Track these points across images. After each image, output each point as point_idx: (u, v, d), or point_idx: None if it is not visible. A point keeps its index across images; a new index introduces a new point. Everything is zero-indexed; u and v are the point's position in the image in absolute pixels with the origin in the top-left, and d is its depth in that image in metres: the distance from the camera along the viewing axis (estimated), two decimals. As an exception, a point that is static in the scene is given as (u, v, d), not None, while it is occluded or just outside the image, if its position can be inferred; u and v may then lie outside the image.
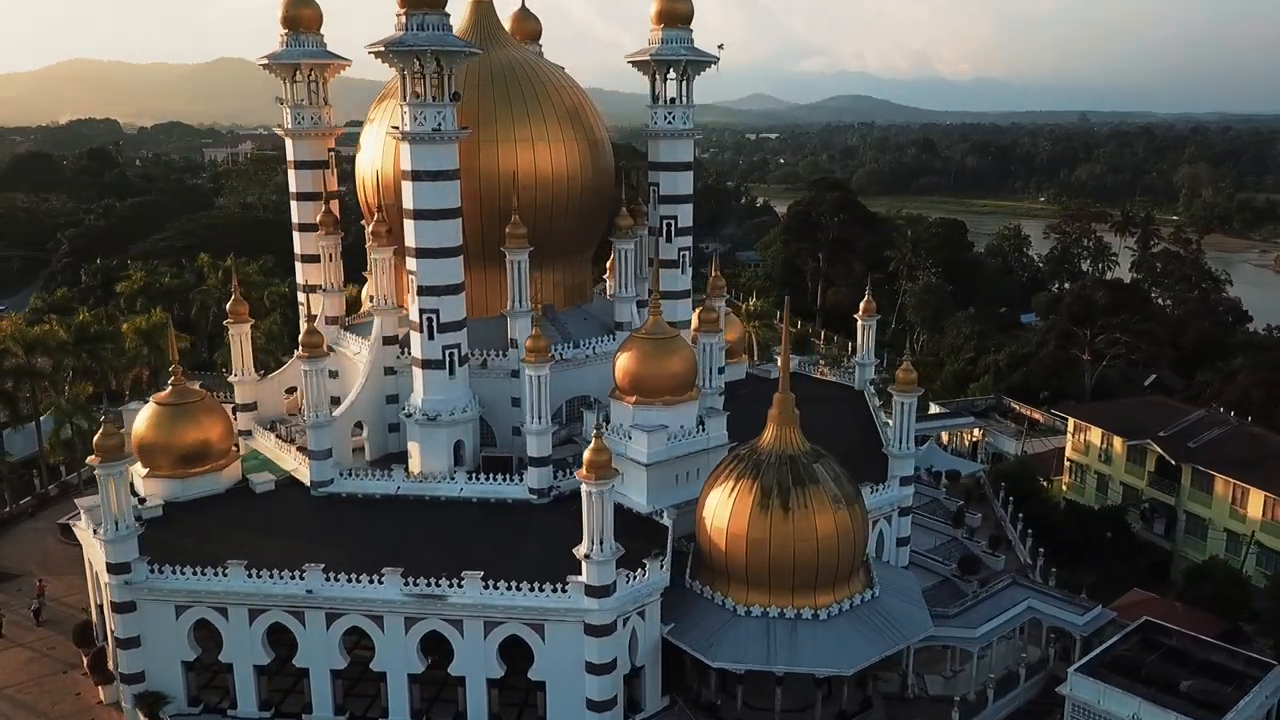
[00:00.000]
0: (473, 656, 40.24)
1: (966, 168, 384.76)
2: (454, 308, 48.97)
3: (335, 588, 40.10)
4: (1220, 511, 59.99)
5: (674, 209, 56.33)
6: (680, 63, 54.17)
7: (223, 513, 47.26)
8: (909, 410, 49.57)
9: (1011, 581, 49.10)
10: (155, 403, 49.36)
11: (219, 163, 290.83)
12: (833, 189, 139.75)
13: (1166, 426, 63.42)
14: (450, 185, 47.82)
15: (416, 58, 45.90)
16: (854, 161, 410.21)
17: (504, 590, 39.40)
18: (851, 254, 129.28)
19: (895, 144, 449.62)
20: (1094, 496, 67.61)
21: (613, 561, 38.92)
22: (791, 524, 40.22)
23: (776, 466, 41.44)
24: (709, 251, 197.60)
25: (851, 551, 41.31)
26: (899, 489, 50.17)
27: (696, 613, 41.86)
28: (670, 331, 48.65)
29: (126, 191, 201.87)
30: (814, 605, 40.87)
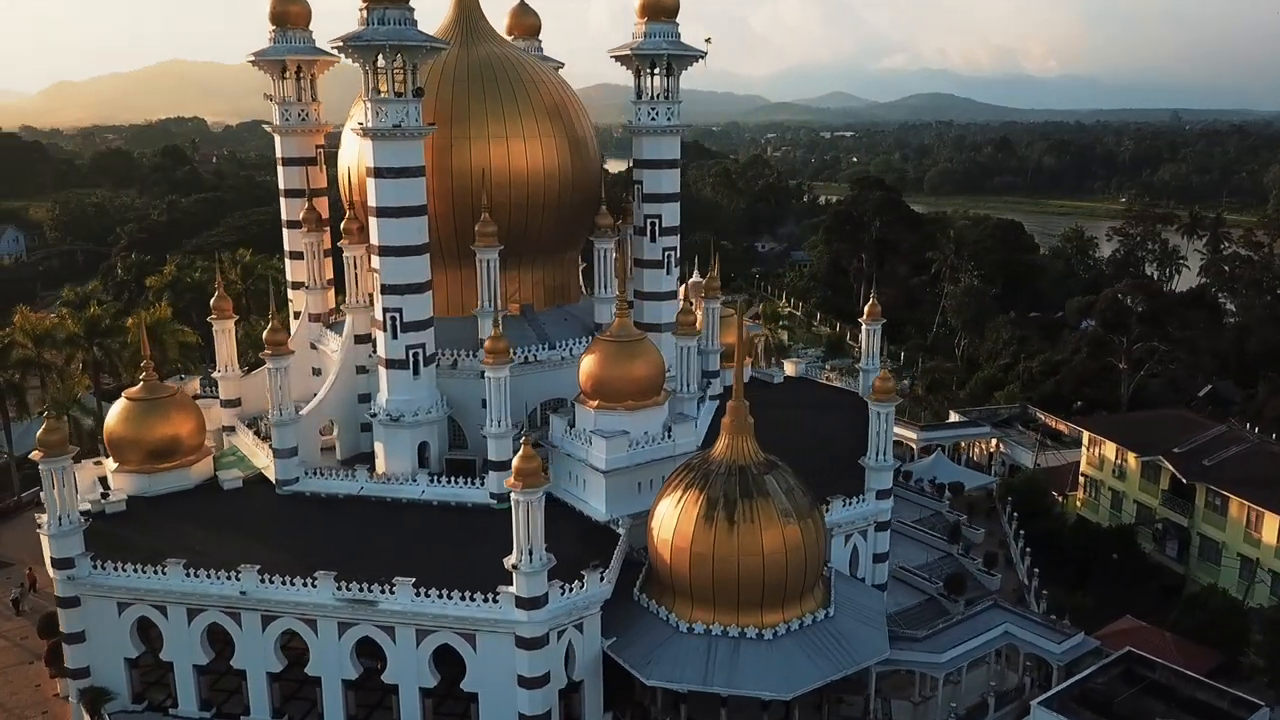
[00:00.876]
0: (405, 665, 39.35)
1: (1043, 167, 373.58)
2: (418, 307, 48.22)
3: (269, 590, 39.57)
4: (1234, 535, 55.96)
5: (658, 208, 54.78)
6: (663, 57, 52.61)
7: (185, 509, 47.21)
8: (886, 420, 47.22)
9: (993, 604, 46.43)
10: (126, 398, 49.67)
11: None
12: (876, 188, 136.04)
13: (1183, 442, 59.45)
14: (414, 182, 47.06)
15: (378, 52, 45.17)
16: (928, 160, 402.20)
17: (435, 598, 38.35)
18: (895, 255, 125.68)
19: (972, 143, 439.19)
20: (1108, 514, 63.85)
21: (543, 573, 37.61)
22: (736, 538, 38.43)
23: (725, 477, 39.67)
24: (764, 250, 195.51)
25: (802, 569, 39.31)
26: (875, 503, 47.83)
27: (640, 628, 40.35)
28: (637, 334, 47.16)
29: (197, 188, 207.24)
30: (760, 624, 39.02)
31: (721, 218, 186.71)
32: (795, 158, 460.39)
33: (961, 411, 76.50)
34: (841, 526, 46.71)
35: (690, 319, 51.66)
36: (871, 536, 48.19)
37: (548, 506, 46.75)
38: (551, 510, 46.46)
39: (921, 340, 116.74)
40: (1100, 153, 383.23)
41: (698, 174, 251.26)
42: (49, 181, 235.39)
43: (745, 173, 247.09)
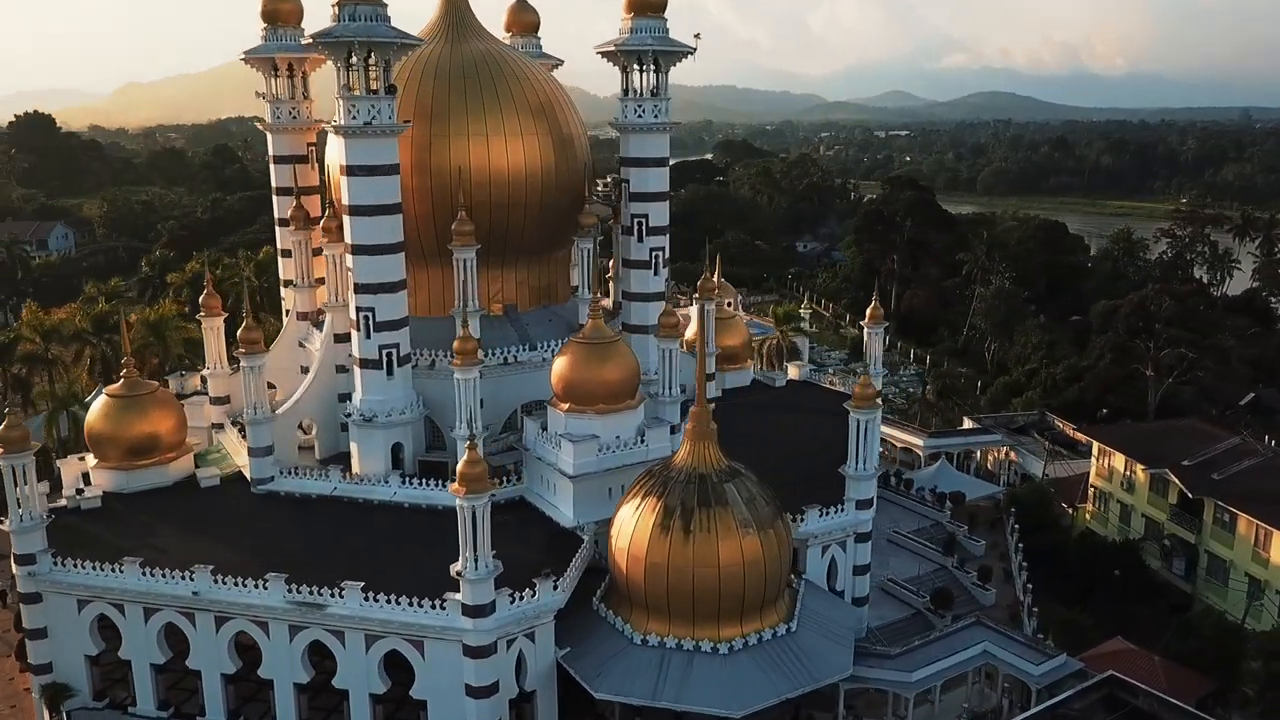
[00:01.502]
0: (355, 670, 38.77)
1: (1101, 167, 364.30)
2: (392, 306, 47.72)
3: (221, 591, 39.27)
4: (1242, 554, 53.02)
5: (645, 207, 53.67)
6: (650, 53, 51.43)
7: (159, 507, 47.19)
8: (868, 428, 45.53)
9: (974, 621, 44.58)
10: (107, 394, 49.85)
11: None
12: (907, 188, 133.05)
13: (1194, 454, 56.57)
14: (388, 180, 46.51)
15: (348, 49, 44.67)
16: (982, 160, 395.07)
17: (383, 603, 37.69)
18: (927, 256, 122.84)
19: (1029, 142, 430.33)
20: (1116, 528, 61.13)
21: (490, 580, 36.75)
22: (692, 548, 37.23)
23: (684, 485, 38.50)
24: (805, 250, 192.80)
25: (761, 581, 37.94)
26: (855, 513, 46.17)
27: (596, 638, 39.34)
28: (610, 336, 46.12)
29: (245, 186, 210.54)
30: (717, 638, 37.78)
31: (759, 217, 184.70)
32: (847, 156, 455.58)
33: (976, 418, 74.09)
34: (818, 537, 45.17)
35: (673, 320, 50.41)
36: (851, 548, 46.54)
37: (520, 510, 46.80)
38: (522, 514, 46.33)
39: (953, 343, 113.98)
40: (1162, 152, 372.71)
41: (740, 173, 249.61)
42: (105, 180, 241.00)
43: (790, 172, 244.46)
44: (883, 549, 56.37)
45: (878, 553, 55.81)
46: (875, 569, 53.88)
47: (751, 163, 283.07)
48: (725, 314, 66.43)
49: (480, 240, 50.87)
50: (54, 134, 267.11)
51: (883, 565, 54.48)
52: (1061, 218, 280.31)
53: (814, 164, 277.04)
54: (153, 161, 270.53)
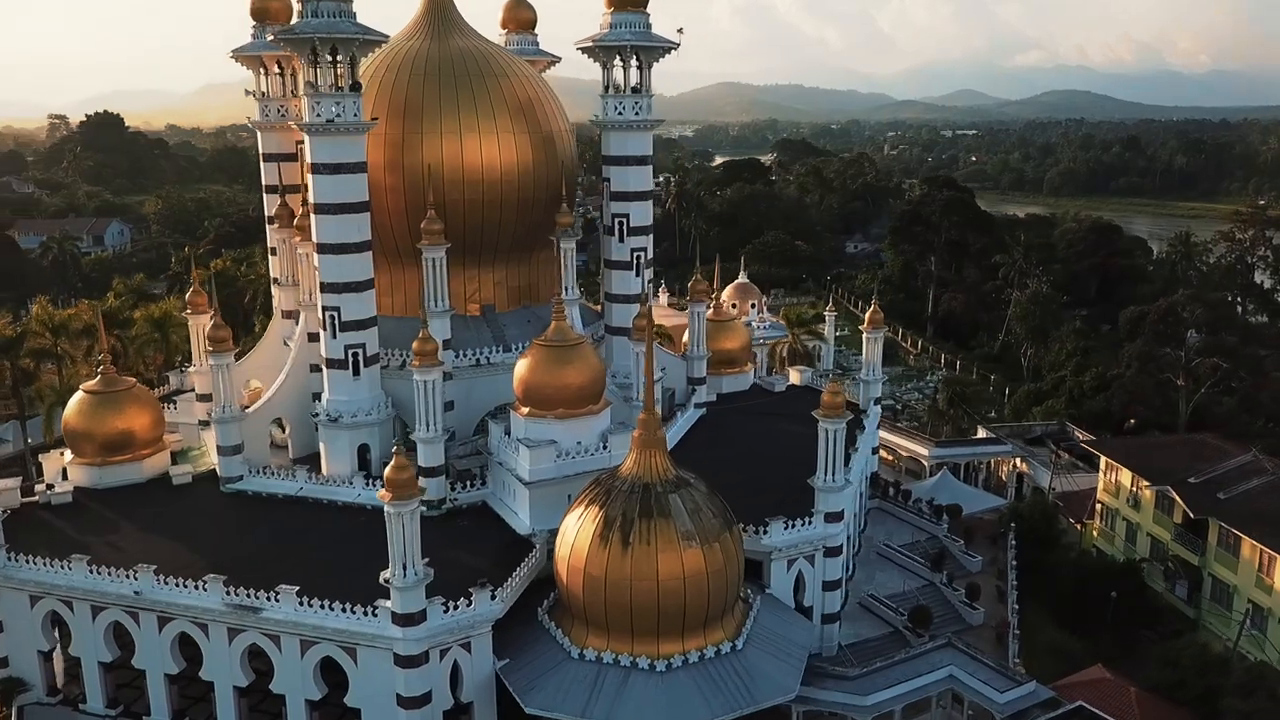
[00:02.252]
0: (291, 675, 38.15)
1: (1174, 168, 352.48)
2: (358, 306, 47.17)
3: (162, 591, 38.97)
4: (1246, 578, 49.65)
5: (626, 206, 52.50)
6: (629, 48, 50.22)
7: (127, 503, 47.17)
8: (836, 437, 43.68)
9: (945, 643, 42.47)
10: (83, 391, 50.08)
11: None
12: (945, 188, 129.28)
13: (1201, 471, 53.23)
14: (353, 179, 45.95)
15: (311, 45, 44.17)
16: (1050, 160, 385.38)
17: (317, 608, 37.04)
18: (966, 258, 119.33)
19: (1100, 142, 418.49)
20: (1122, 547, 57.94)
21: (420, 588, 35.84)
22: (630, 561, 35.87)
23: (626, 495, 37.13)
24: (855, 250, 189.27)
25: (703, 597, 36.41)
26: (823, 526, 44.32)
27: (536, 650, 38.20)
28: (573, 339, 44.92)
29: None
30: (656, 654, 36.34)
31: (805, 217, 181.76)
32: (911, 156, 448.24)
33: (991, 427, 71.28)
34: (782, 551, 43.44)
35: (645, 322, 49.05)
36: (820, 562, 44.67)
37: (482, 515, 45.94)
38: (483, 520, 45.48)
39: (989, 349, 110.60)
40: (1240, 152, 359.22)
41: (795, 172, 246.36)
42: (169, 177, 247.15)
43: (845, 171, 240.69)
44: (871, 562, 54.54)
45: (865, 566, 54.25)
46: (861, 583, 52.28)
47: (807, 161, 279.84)
48: (724, 316, 64.77)
49: (455, 240, 50.23)
50: (122, 133, 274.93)
51: (868, 579, 52.63)
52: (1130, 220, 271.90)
53: (871, 163, 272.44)
54: (216, 159, 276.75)
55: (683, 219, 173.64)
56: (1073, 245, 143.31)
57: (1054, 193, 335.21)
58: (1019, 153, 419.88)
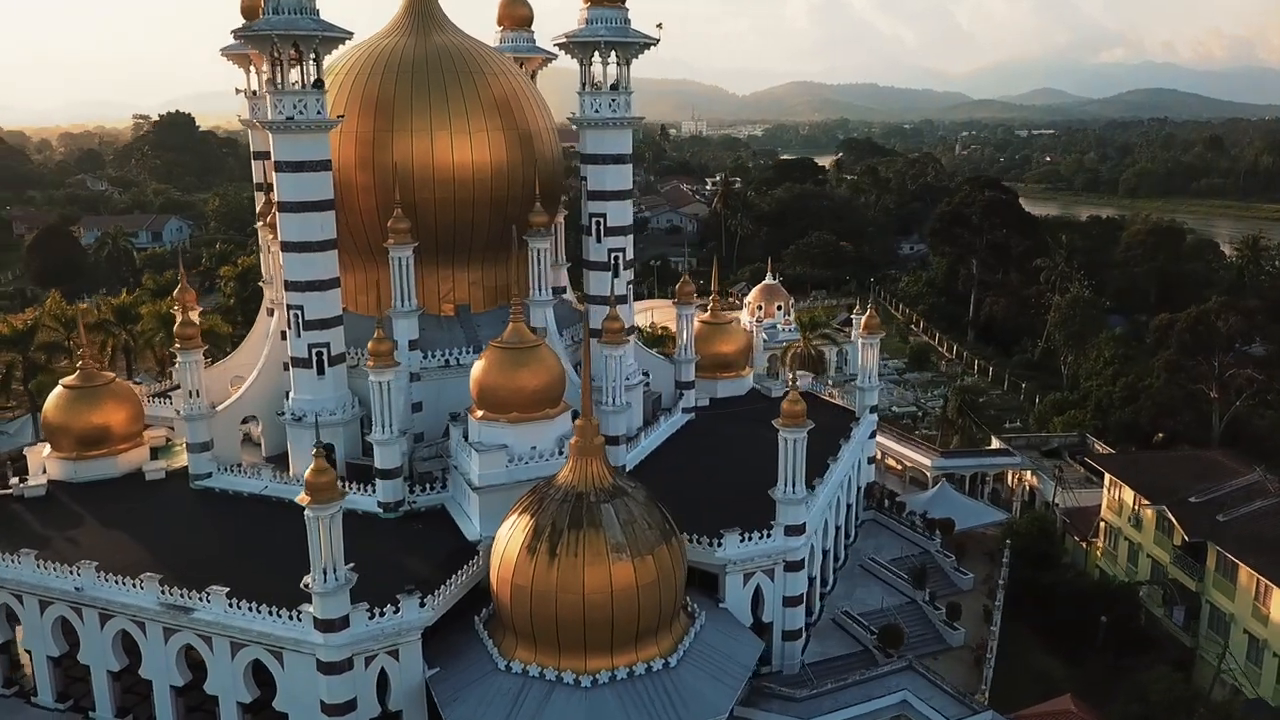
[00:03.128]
0: (222, 676, 37.85)
1: (1260, 168, 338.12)
2: (321, 304, 46.74)
3: (101, 588, 38.99)
4: (1243, 607, 46.19)
5: (603, 206, 51.10)
6: (604, 45, 48.93)
7: (97, 498, 47.47)
8: (797, 447, 41.97)
9: (906, 666, 40.47)
10: (62, 385, 50.65)
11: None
12: (986, 188, 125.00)
13: (1204, 490, 49.73)
14: (315, 176, 45.51)
15: (272, 42, 43.86)
16: (1128, 160, 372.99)
17: (245, 611, 36.63)
18: (1008, 260, 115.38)
19: (1182, 142, 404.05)
20: (1124, 568, 54.67)
21: (342, 594, 35.17)
22: (555, 572, 34.73)
23: (558, 504, 36.01)
24: (909, 252, 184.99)
25: (633, 611, 35.07)
26: (783, 540, 42.61)
27: (468, 659, 37.28)
28: (531, 341, 43.89)
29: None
30: (582, 669, 35.14)
31: (855, 217, 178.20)
32: (982, 156, 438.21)
33: (1006, 438, 68.34)
34: (737, 564, 41.86)
35: (617, 325, 47.81)
36: (780, 577, 42.97)
37: (438, 519, 45.16)
38: (438, 524, 44.70)
39: (1029, 355, 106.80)
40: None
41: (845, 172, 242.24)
42: (236, 175, 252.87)
43: (906, 171, 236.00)
44: (855, 577, 52.63)
45: (848, 580, 52.34)
46: (839, 598, 50.41)
47: (866, 161, 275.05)
48: (722, 319, 63.32)
49: (428, 239, 49.72)
50: (192, 133, 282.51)
51: (848, 594, 50.74)
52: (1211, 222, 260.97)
53: (935, 164, 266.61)
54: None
55: (729, 219, 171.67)
56: (1131, 249, 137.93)
57: (1130, 194, 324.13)
58: (1095, 153, 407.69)
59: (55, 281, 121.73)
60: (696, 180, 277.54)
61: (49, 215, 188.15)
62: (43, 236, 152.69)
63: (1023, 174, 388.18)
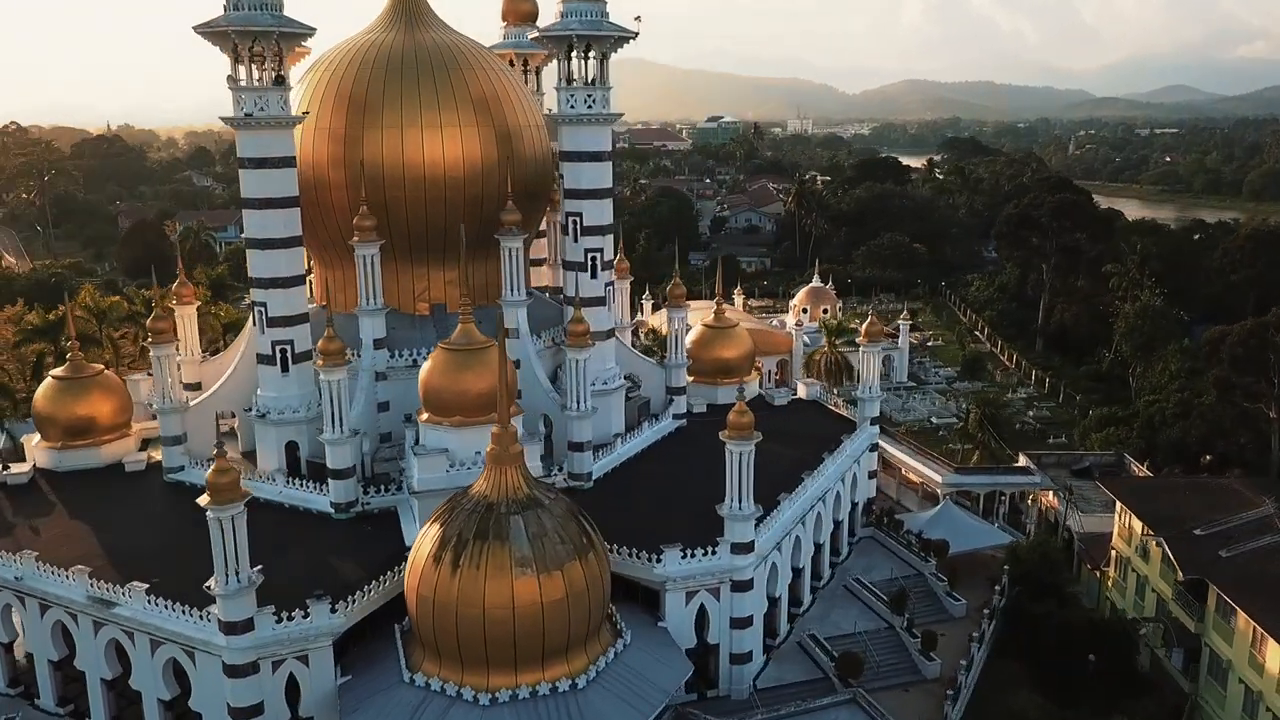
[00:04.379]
0: (144, 672, 37.89)
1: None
2: (285, 302, 46.70)
3: (38, 578, 39.48)
4: (1240, 654, 41.30)
5: (579, 204, 49.80)
6: (577, 38, 47.52)
7: (76, 487, 48.29)
8: (744, 460, 39.83)
9: (849, 699, 37.94)
10: (51, 376, 51.89)
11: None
12: (1057, 189, 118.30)
13: (1212, 522, 44.94)
14: (277, 173, 45.51)
15: (232, 38, 43.78)
16: (1255, 160, 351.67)
17: (161, 608, 36.51)
18: (1079, 266, 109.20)
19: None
20: (1132, 602, 50.03)
21: (246, 596, 34.68)
22: (457, 585, 33.49)
23: (467, 514, 34.76)
24: (995, 255, 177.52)
25: (537, 628, 33.53)
26: (729, 558, 40.47)
27: (380, 669, 36.38)
28: (479, 342, 42.71)
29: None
30: (485, 686, 33.79)
31: (937, 218, 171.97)
32: (1096, 156, 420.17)
33: (1036, 453, 64.08)
34: (678, 582, 39.93)
35: (581, 328, 46.43)
36: (727, 597, 40.82)
37: (388, 522, 44.42)
38: (388, 526, 43.98)
39: (1095, 367, 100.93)
40: None
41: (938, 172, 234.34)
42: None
43: (1003, 171, 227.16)
44: (836, 597, 50.00)
45: (828, 601, 49.82)
46: (813, 619, 47.91)
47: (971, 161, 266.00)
48: (726, 322, 61.06)
49: (401, 237, 49.29)
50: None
51: (823, 616, 48.15)
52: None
53: (1038, 164, 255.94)
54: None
55: (803, 219, 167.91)
56: (1229, 254, 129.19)
57: (1254, 197, 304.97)
58: (1219, 153, 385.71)
59: (144, 273, 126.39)
60: (785, 179, 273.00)
61: (150, 210, 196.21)
62: (135, 230, 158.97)
63: (1138, 175, 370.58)
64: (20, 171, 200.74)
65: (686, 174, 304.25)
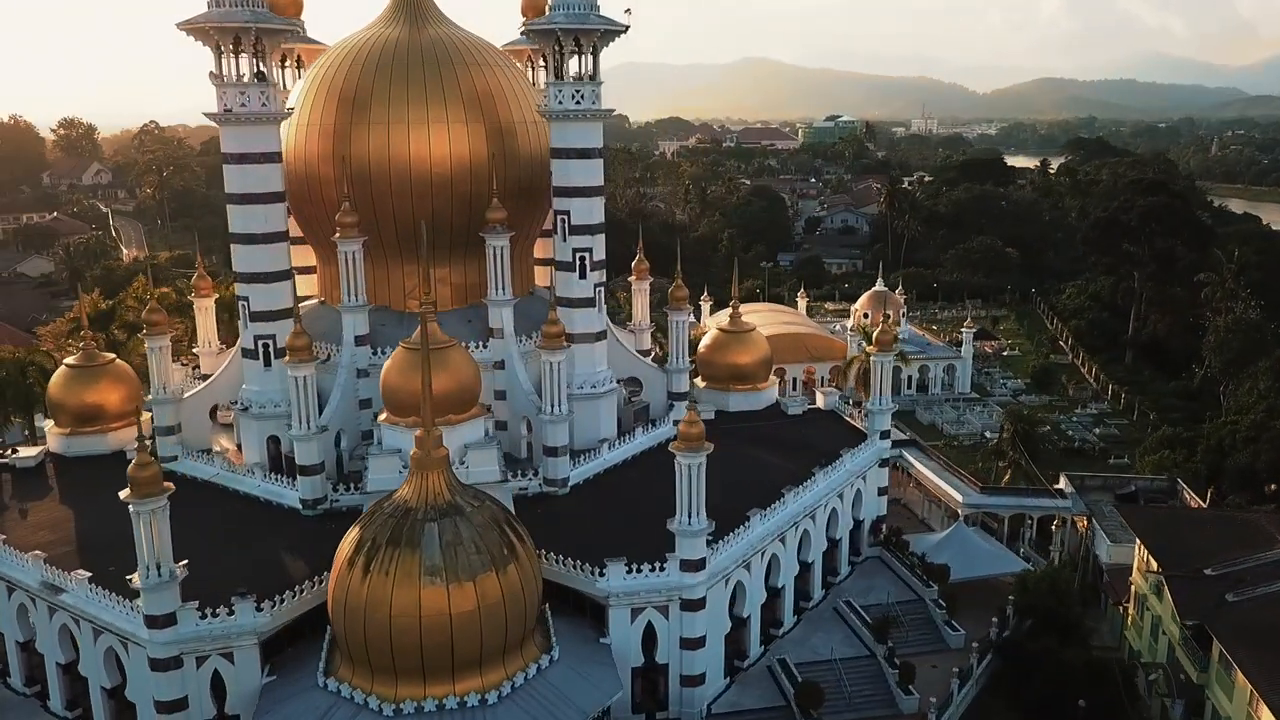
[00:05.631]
0: (89, 659, 38.40)
1: None
2: (267, 297, 46.87)
3: (2, 562, 40.47)
4: (1239, 710, 36.27)
5: (567, 203, 48.48)
6: (562, 33, 46.20)
7: (78, 472, 49.55)
8: (694, 473, 37.85)
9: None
10: (65, 365, 53.52)
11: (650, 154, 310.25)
12: (1151, 191, 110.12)
13: (1228, 560, 39.88)
14: (258, 169, 45.67)
15: (214, 35, 44.10)
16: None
17: (98, 598, 36.91)
18: (1173, 274, 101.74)
19: None
20: (1148, 642, 45.09)
21: (169, 590, 34.69)
22: (366, 590, 32.73)
23: (386, 518, 33.98)
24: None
25: (445, 640, 32.48)
26: (678, 575, 38.51)
27: (306, 669, 35.90)
28: (441, 342, 41.91)
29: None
30: (392, 696, 32.92)
31: (1039, 221, 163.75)
32: (1240, 158, 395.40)
33: (1076, 476, 59.47)
34: (622, 597, 38.24)
35: (555, 330, 45.21)
36: (676, 616, 38.88)
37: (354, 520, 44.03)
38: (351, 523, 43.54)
39: (1189, 383, 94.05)
40: None
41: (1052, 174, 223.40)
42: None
43: (1124, 174, 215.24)
44: (822, 620, 47.52)
45: (813, 623, 47.35)
46: (792, 642, 45.49)
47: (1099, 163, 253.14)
48: (741, 327, 58.80)
49: (389, 234, 48.96)
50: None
51: (803, 640, 45.65)
52: None
53: (1167, 166, 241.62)
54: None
55: (894, 220, 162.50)
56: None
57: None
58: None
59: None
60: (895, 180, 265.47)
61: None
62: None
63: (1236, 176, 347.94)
64: (146, 168, 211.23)
65: (792, 173, 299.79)
